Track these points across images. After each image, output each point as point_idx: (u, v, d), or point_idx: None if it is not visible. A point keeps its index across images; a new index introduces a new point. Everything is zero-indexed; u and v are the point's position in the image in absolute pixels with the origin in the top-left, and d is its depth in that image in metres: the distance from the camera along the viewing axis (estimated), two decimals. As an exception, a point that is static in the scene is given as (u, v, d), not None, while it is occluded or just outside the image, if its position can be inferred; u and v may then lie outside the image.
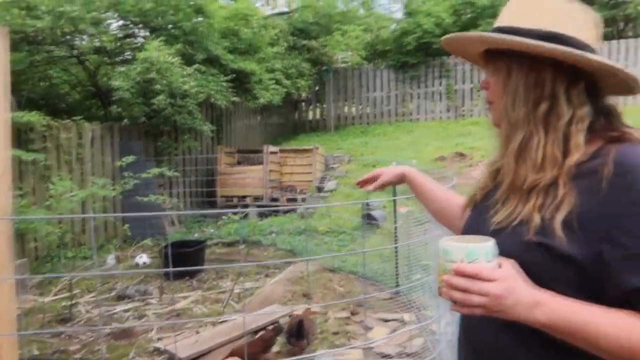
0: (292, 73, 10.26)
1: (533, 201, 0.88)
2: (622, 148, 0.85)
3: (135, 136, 7.34)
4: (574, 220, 0.82)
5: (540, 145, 0.90)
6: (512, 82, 0.94)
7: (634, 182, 0.78)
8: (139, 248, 6.57)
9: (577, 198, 0.83)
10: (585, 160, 0.87)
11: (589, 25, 0.93)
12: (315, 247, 6.32)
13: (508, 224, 0.90)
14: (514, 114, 0.93)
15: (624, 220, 0.78)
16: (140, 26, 7.59)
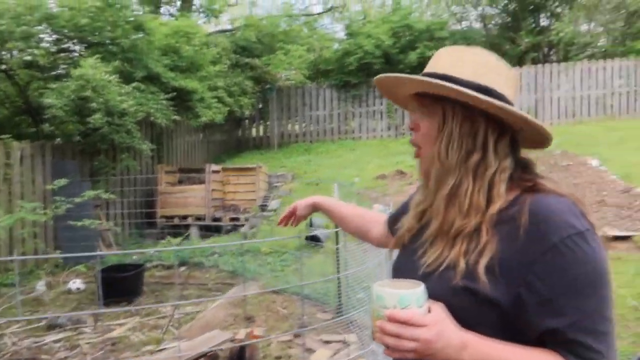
0: (235, 91, 10.20)
1: (459, 246, 0.93)
2: (536, 198, 0.91)
3: (70, 155, 7.03)
4: (495, 266, 0.87)
5: (468, 192, 0.94)
6: (447, 129, 0.97)
7: (546, 233, 0.84)
8: (73, 273, 6.25)
9: (498, 244, 0.89)
10: (505, 208, 0.93)
11: (510, 83, 1.00)
12: (258, 267, 6.26)
13: (436, 267, 0.94)
14: (447, 160, 0.97)
15: (538, 267, 0.84)
16: (75, 41, 7.32)
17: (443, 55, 1.03)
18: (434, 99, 1.00)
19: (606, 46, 13.32)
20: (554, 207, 0.87)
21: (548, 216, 0.86)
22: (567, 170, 7.73)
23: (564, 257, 0.82)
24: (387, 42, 11.67)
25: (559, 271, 0.83)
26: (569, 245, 0.83)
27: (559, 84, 11.50)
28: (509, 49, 12.76)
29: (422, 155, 1.05)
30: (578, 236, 0.83)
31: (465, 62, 0.99)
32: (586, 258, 0.83)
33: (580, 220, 0.86)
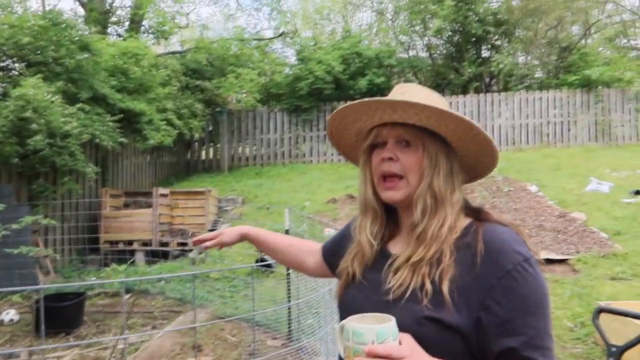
0: (184, 113, 10.06)
1: (423, 270, 0.97)
2: (487, 228, 0.99)
3: (6, 178, 6.69)
4: (455, 292, 0.93)
5: (448, 224, 1.01)
6: (440, 163, 1.03)
7: (500, 261, 0.93)
8: (6, 302, 5.88)
9: (457, 270, 0.95)
10: (460, 235, 1.00)
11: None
12: (207, 294, 6.12)
13: (400, 296, 0.97)
14: (440, 193, 1.02)
15: (495, 292, 0.91)
16: (15, 59, 7.03)
17: (414, 89, 1.07)
18: (420, 130, 1.03)
19: (542, 78, 14.16)
20: (504, 236, 0.97)
21: (500, 245, 0.95)
22: (508, 196, 8.08)
23: (517, 282, 0.91)
24: (337, 68, 11.92)
25: (514, 295, 0.91)
26: (520, 272, 0.91)
27: (500, 112, 12.09)
28: (454, 77, 13.31)
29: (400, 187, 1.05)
30: (526, 263, 0.93)
31: (434, 97, 1.07)
32: (535, 282, 0.92)
33: (524, 247, 0.95)
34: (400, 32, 15.59)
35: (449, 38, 14.00)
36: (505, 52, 13.05)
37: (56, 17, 6.98)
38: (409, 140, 1.04)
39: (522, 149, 11.76)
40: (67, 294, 5.59)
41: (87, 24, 9.74)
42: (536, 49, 14.54)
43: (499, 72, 12.75)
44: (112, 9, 11.65)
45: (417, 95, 1.02)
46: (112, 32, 11.64)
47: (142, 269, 7.27)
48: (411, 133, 1.04)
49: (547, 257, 5.85)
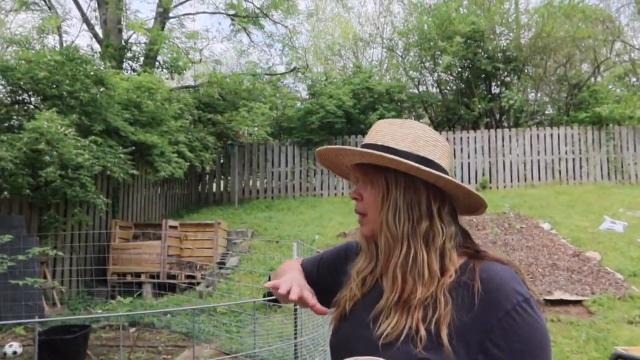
0: (196, 146, 10.17)
1: (416, 314, 0.94)
2: (485, 266, 0.95)
3: (17, 209, 6.74)
4: (452, 333, 0.89)
5: (425, 261, 0.96)
6: (392, 198, 1.00)
7: (499, 300, 0.89)
8: (10, 335, 5.83)
9: (454, 311, 0.91)
10: (456, 275, 0.95)
11: (446, 154, 1.04)
12: (213, 328, 6.03)
13: (395, 339, 0.94)
14: (396, 229, 0.99)
15: (494, 333, 0.88)
16: (31, 93, 7.20)
17: (383, 128, 1.06)
18: (376, 169, 1.03)
19: (552, 115, 14.17)
20: (503, 274, 0.93)
21: (499, 284, 0.91)
22: (520, 233, 7.95)
23: (517, 323, 0.87)
24: (348, 102, 12.04)
25: (514, 337, 0.87)
26: (520, 312, 0.88)
27: (511, 148, 12.06)
28: (464, 113, 13.37)
29: (365, 223, 1.06)
30: (525, 303, 0.89)
31: (404, 134, 1.03)
32: (536, 324, 0.88)
33: (523, 287, 0.92)
34: (411, 68, 15.78)
35: (459, 74, 14.13)
36: (515, 88, 13.12)
37: (72, 53, 7.18)
38: (369, 178, 1.05)
39: (534, 186, 11.66)
40: (71, 327, 5.53)
41: (103, 60, 9.98)
42: (546, 85, 14.61)
43: (509, 108, 12.79)
44: (128, 45, 11.95)
45: (382, 132, 1.04)
46: (127, 67, 11.91)
47: (149, 301, 7.20)
48: (363, 172, 1.06)
49: (561, 297, 5.71)
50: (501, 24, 14.10)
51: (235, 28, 14.23)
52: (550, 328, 5.12)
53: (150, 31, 11.48)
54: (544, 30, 12.97)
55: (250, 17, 13.57)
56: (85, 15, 12.08)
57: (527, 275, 4.40)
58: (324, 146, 1.10)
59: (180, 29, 13.43)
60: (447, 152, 1.05)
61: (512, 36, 14.13)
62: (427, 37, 13.79)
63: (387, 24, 18.52)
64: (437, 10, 14.16)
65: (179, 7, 13.53)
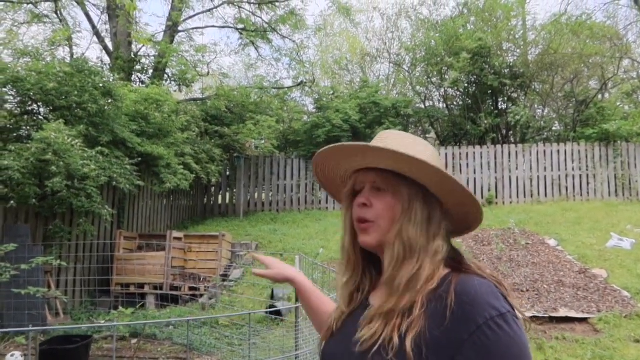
0: (202, 158, 10.22)
1: (394, 321, 0.93)
2: (461, 279, 0.93)
3: (23, 219, 6.78)
4: (422, 345, 0.88)
5: (425, 274, 0.96)
6: (413, 211, 0.99)
7: (471, 314, 0.87)
8: (12, 344, 5.83)
9: (427, 322, 0.90)
10: (435, 287, 0.95)
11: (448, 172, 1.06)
12: (215, 341, 6.00)
13: (370, 347, 0.93)
14: (413, 242, 0.98)
15: (465, 348, 0.86)
16: (40, 104, 7.29)
17: (395, 137, 1.05)
18: (399, 178, 1.01)
19: (559, 131, 14.13)
20: (478, 288, 0.90)
21: (472, 298, 0.89)
22: (526, 249, 7.89)
23: (488, 338, 0.85)
24: (354, 116, 12.08)
25: (485, 353, 0.84)
26: (493, 328, 0.85)
27: (517, 164, 12.01)
28: (471, 128, 13.36)
29: (372, 231, 1.03)
30: (500, 318, 0.86)
31: (417, 144, 1.04)
32: (510, 340, 0.85)
33: (501, 302, 0.89)
34: (417, 83, 15.84)
35: (466, 89, 14.16)
36: (522, 104, 13.11)
37: (81, 65, 7.27)
38: (380, 186, 1.03)
39: (540, 202, 11.58)
40: (73, 337, 5.53)
41: (113, 72, 10.11)
42: (553, 102, 14.59)
43: (516, 124, 12.76)
44: (137, 58, 12.10)
45: (396, 142, 1.02)
46: (136, 80, 12.04)
47: (152, 313, 7.18)
48: (384, 178, 1.03)
49: (567, 314, 5.63)
50: (508, 41, 14.15)
51: (244, 42, 14.37)
52: (555, 346, 5.05)
53: (159, 44, 11.62)
54: (552, 47, 12.99)
55: (258, 32, 13.70)
56: (96, 28, 12.26)
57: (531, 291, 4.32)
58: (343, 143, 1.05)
59: (189, 42, 13.60)
60: (447, 171, 1.06)
61: (519, 52, 14.17)
62: (434, 52, 13.86)
63: (394, 39, 18.64)
64: (445, 26, 14.24)
65: (188, 21, 13.71)
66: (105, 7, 12.13)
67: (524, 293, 6.27)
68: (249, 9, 13.80)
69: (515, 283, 6.56)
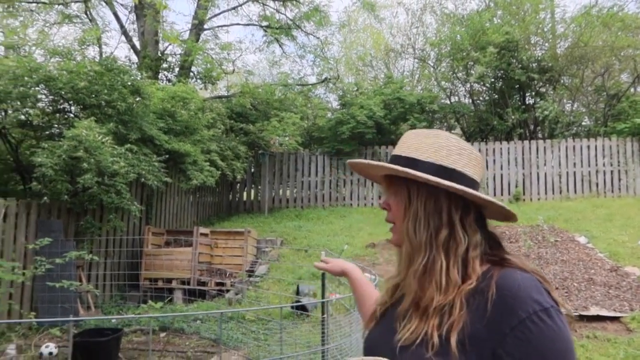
0: (228, 155, 10.33)
1: (432, 320, 0.94)
2: (503, 273, 0.93)
3: (56, 214, 6.97)
4: (465, 339, 0.88)
5: (443, 269, 0.97)
6: (413, 208, 1.03)
7: (514, 308, 0.87)
8: (46, 336, 6.01)
9: (468, 317, 0.91)
10: (476, 283, 0.95)
11: (473, 162, 1.05)
12: (242, 336, 6.07)
13: (411, 343, 0.95)
14: (415, 238, 1.01)
15: (507, 342, 0.86)
16: (71, 102, 7.46)
17: (409, 138, 1.09)
18: (400, 180, 1.06)
19: (590, 126, 13.78)
20: (520, 282, 0.90)
21: (515, 292, 0.89)
22: (555, 247, 7.73)
23: (532, 333, 0.84)
24: (379, 113, 12.01)
25: (528, 347, 0.84)
26: (536, 322, 0.85)
27: (546, 160, 11.77)
28: (497, 124, 13.15)
29: (394, 231, 1.10)
30: (544, 312, 0.86)
31: (428, 144, 1.05)
32: (554, 335, 0.85)
33: (544, 296, 0.89)
34: (443, 79, 15.66)
35: (492, 84, 13.94)
36: (550, 99, 12.83)
37: (110, 64, 7.42)
38: (395, 188, 1.09)
39: (569, 198, 11.33)
40: (104, 330, 5.67)
41: (140, 70, 10.27)
42: (583, 96, 14.24)
43: (544, 119, 12.50)
44: (164, 56, 12.27)
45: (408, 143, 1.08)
46: (163, 78, 12.22)
47: (179, 307, 7.31)
48: (389, 182, 1.10)
49: (598, 313, 5.51)
50: (536, 34, 13.85)
51: (268, 39, 14.42)
52: (586, 345, 4.95)
53: (185, 42, 11.76)
54: (582, 40, 12.67)
55: (282, 29, 13.74)
56: (124, 27, 12.48)
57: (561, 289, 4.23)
58: (354, 159, 1.15)
59: (215, 41, 13.73)
60: (474, 160, 1.05)
61: (547, 46, 13.86)
62: (460, 47, 13.66)
63: (419, 34, 18.46)
64: (470, 20, 14.02)
65: (214, 19, 13.82)
66: (132, 6, 12.33)
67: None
68: (273, 6, 13.86)
69: (544, 281, 6.43)
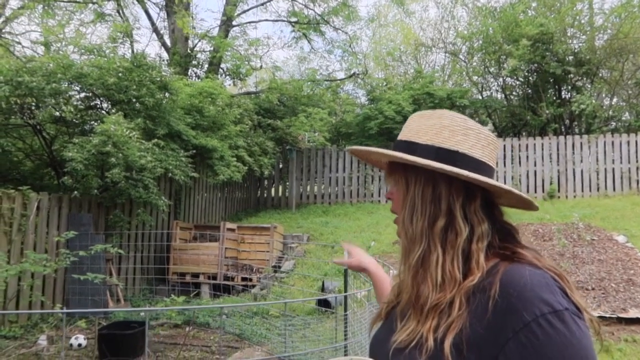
0: (255, 151, 10.35)
1: (430, 322, 0.85)
2: (509, 268, 0.82)
3: (86, 208, 7.11)
4: (463, 343, 0.79)
5: (439, 263, 0.87)
6: (409, 196, 0.94)
7: (518, 309, 0.75)
8: (76, 328, 6.13)
9: (468, 318, 0.81)
10: (480, 279, 0.85)
11: (482, 143, 0.94)
12: (266, 331, 6.05)
13: (406, 345, 0.86)
14: (411, 228, 0.92)
15: (509, 348, 0.75)
16: (102, 99, 7.60)
17: (412, 122, 1.00)
18: (399, 167, 0.97)
19: (630, 120, 13.22)
20: (528, 279, 0.78)
21: (521, 290, 0.77)
22: (591, 245, 7.43)
23: (537, 339, 0.72)
24: (407, 108, 11.82)
25: (532, 355, 0.72)
26: (544, 326, 0.73)
27: (582, 156, 11.35)
28: (531, 119, 12.77)
29: (398, 222, 1.00)
30: (554, 315, 0.74)
31: (429, 126, 0.95)
32: (564, 341, 0.72)
33: (557, 296, 0.76)
34: (474, 73, 15.31)
35: (526, 78, 13.54)
36: (587, 93, 12.36)
37: (139, 60, 7.52)
38: (395, 176, 1.00)
39: (607, 196, 10.90)
40: (132, 323, 5.74)
41: (170, 66, 10.39)
42: (622, 90, 13.67)
43: (581, 114, 12.05)
44: (193, 53, 12.40)
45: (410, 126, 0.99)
46: (192, 74, 12.35)
47: (205, 302, 7.35)
48: (389, 170, 1.02)
49: (637, 315, 5.25)
50: (573, 26, 13.36)
51: (297, 35, 14.40)
52: (623, 349, 4.72)
53: (213, 39, 11.85)
54: (622, 32, 12.15)
55: (311, 24, 13.69)
56: (154, 24, 12.67)
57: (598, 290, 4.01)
58: (354, 146, 1.05)
59: (243, 37, 13.79)
60: (483, 140, 0.94)
61: (584, 38, 13.36)
62: (492, 40, 13.32)
63: (450, 28, 18.10)
64: (503, 13, 13.65)
65: (242, 16, 13.89)
66: (163, 4, 12.50)
67: (589, 292, 5.91)
68: (301, 1, 13.82)
69: (579, 281, 6.19)
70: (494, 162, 0.96)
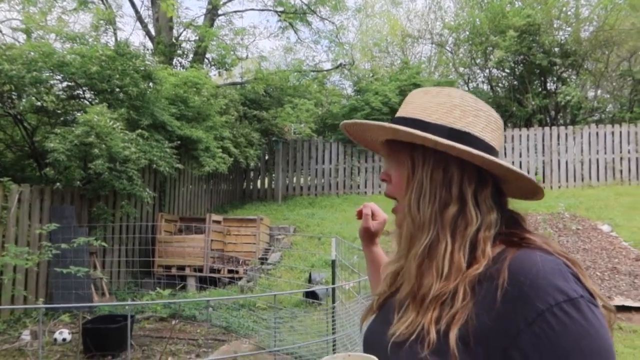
0: (241, 142, 10.24)
1: (431, 313, 0.79)
2: (519, 254, 0.77)
3: (69, 200, 6.97)
4: (470, 335, 0.73)
5: (447, 252, 0.81)
6: (417, 179, 0.86)
7: (530, 298, 0.70)
8: (60, 322, 6.02)
9: (474, 309, 0.75)
10: (485, 267, 0.79)
11: (492, 126, 0.88)
12: (253, 324, 6.00)
13: (406, 338, 0.80)
14: (418, 214, 0.85)
15: (522, 340, 0.70)
16: (85, 88, 7.42)
17: (416, 98, 0.92)
18: (403, 146, 0.89)
19: (614, 111, 13.37)
20: (540, 266, 0.73)
21: (533, 278, 0.71)
22: (577, 235, 7.51)
23: (553, 329, 0.67)
24: (394, 99, 11.78)
25: (548, 346, 0.67)
26: (559, 316, 0.68)
27: (567, 147, 11.45)
28: (516, 110, 12.83)
29: (398, 210, 0.93)
30: (569, 304, 0.69)
31: (439, 104, 0.88)
32: (581, 331, 0.67)
33: (571, 283, 0.71)
34: (460, 65, 15.32)
35: (512, 69, 13.58)
36: (573, 84, 12.45)
37: (122, 48, 7.35)
38: (396, 156, 0.92)
39: (592, 186, 11.02)
40: (117, 317, 5.65)
41: (154, 56, 10.20)
42: (607, 81, 13.81)
43: (566, 105, 12.14)
44: (178, 42, 12.20)
45: (415, 103, 0.91)
46: (177, 64, 12.16)
47: (191, 294, 7.28)
48: (389, 148, 0.93)
49: (623, 303, 5.31)
50: (559, 17, 13.43)
51: (283, 25, 14.25)
52: (608, 337, 4.77)
53: (198, 28, 11.66)
54: (607, 23, 12.25)
55: (297, 14, 13.55)
56: (138, 13, 12.43)
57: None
58: (349, 120, 0.97)
59: (229, 26, 13.60)
60: (493, 124, 0.88)
61: (570, 30, 13.44)
62: (479, 31, 13.33)
63: (437, 19, 18.08)
64: (490, 4, 13.65)
65: (228, 5, 13.69)
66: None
67: (574, 281, 5.96)
68: (288, -10, 13.65)
69: (564, 270, 6.25)
70: (501, 148, 0.90)
